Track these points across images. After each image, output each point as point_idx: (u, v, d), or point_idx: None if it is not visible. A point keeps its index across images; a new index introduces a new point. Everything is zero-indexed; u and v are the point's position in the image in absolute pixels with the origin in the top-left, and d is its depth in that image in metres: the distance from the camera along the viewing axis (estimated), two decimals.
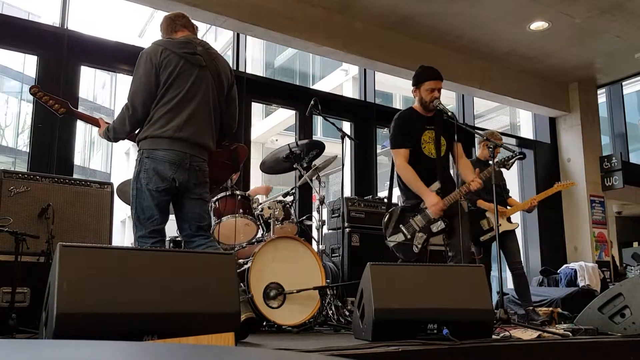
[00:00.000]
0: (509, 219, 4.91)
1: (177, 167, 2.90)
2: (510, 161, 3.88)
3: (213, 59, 3.12)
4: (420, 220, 3.77)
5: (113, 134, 3.03)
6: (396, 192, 4.14)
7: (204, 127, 3.02)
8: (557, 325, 4.05)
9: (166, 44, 3.00)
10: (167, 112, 2.91)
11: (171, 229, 3.32)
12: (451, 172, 4.07)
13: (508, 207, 4.98)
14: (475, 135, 5.25)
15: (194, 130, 2.96)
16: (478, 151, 5.16)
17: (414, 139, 3.84)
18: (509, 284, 7.00)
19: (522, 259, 4.91)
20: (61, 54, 5.04)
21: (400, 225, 3.83)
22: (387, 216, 3.90)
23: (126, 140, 3.18)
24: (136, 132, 3.05)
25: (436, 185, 3.75)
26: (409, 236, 3.78)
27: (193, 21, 3.30)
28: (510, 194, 5.21)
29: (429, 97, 3.86)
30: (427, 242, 3.76)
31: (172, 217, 3.20)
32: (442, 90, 3.97)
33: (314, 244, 4.56)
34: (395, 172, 3.99)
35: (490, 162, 3.92)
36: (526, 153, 8.38)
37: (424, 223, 3.76)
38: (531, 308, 4.61)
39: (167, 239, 4.50)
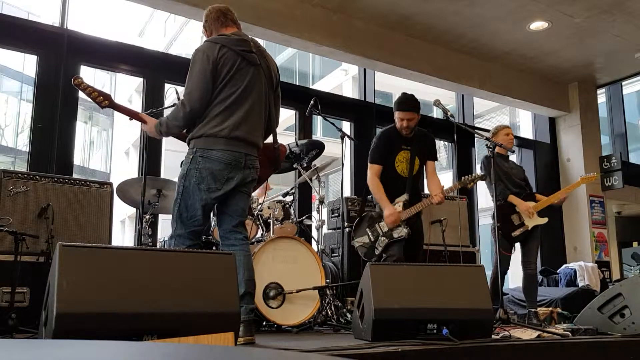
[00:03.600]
0: (538, 214, 4.79)
1: (232, 167, 2.86)
2: (472, 182, 4.14)
3: (264, 58, 3.09)
4: (385, 226, 4.00)
5: (166, 129, 2.94)
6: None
7: (257, 126, 3.00)
8: (556, 325, 4.05)
9: (223, 41, 2.93)
10: (224, 110, 2.87)
11: (170, 229, 3.31)
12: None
13: (536, 202, 4.91)
14: (476, 135, 5.23)
15: (249, 128, 2.93)
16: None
17: (389, 158, 4.08)
18: (509, 284, 7.02)
19: (537, 260, 4.88)
20: (61, 54, 5.04)
21: (367, 229, 4.10)
22: (358, 220, 4.19)
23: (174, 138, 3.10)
24: (185, 130, 2.99)
25: (404, 197, 4.00)
26: (372, 239, 4.05)
27: (194, 22, 3.29)
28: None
29: (399, 125, 4.06)
30: (388, 247, 3.98)
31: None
32: (443, 90, 4.02)
33: (314, 243, 4.56)
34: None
35: (509, 153, 3.92)
36: (526, 153, 8.40)
37: (387, 229, 3.99)
38: (534, 310, 4.60)
39: (166, 238, 4.50)
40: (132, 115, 3.15)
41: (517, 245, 4.86)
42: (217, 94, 2.88)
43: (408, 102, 4.03)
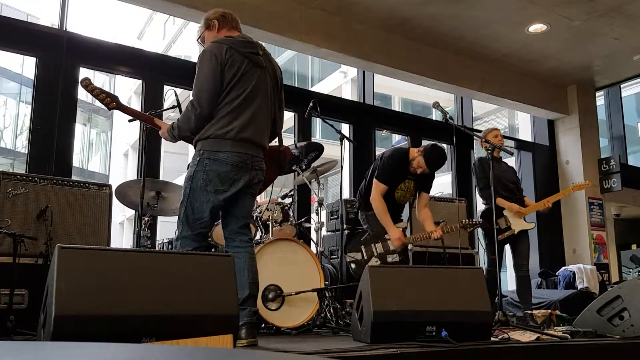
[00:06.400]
0: (524, 219, 4.86)
1: (239, 169, 2.85)
2: (471, 227, 4.30)
3: (269, 60, 3.10)
4: (380, 247, 4.15)
5: (178, 132, 2.91)
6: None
7: (263, 128, 2.99)
8: (555, 328, 4.04)
9: (230, 43, 2.93)
10: (231, 111, 2.85)
11: (168, 231, 3.31)
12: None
13: (525, 207, 4.94)
14: (475, 137, 5.24)
15: (256, 130, 2.92)
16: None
17: (393, 183, 4.16)
18: (508, 286, 7.02)
19: (529, 262, 4.90)
20: (60, 56, 5.03)
21: (362, 246, 4.21)
22: (351, 234, 4.31)
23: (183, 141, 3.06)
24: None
25: (404, 224, 4.27)
26: (365, 257, 4.16)
27: (193, 24, 3.28)
28: (524, 194, 5.15)
29: (414, 165, 4.11)
30: None
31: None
32: (441, 93, 4.05)
33: (313, 246, 4.56)
34: (364, 198, 4.29)
35: (501, 158, 4.04)
36: (525, 155, 8.40)
37: (382, 251, 4.13)
38: (529, 312, 4.61)
39: (165, 240, 4.49)
40: (142, 118, 3.12)
41: (508, 249, 4.92)
42: (224, 95, 2.86)
43: (439, 163, 4.13)
